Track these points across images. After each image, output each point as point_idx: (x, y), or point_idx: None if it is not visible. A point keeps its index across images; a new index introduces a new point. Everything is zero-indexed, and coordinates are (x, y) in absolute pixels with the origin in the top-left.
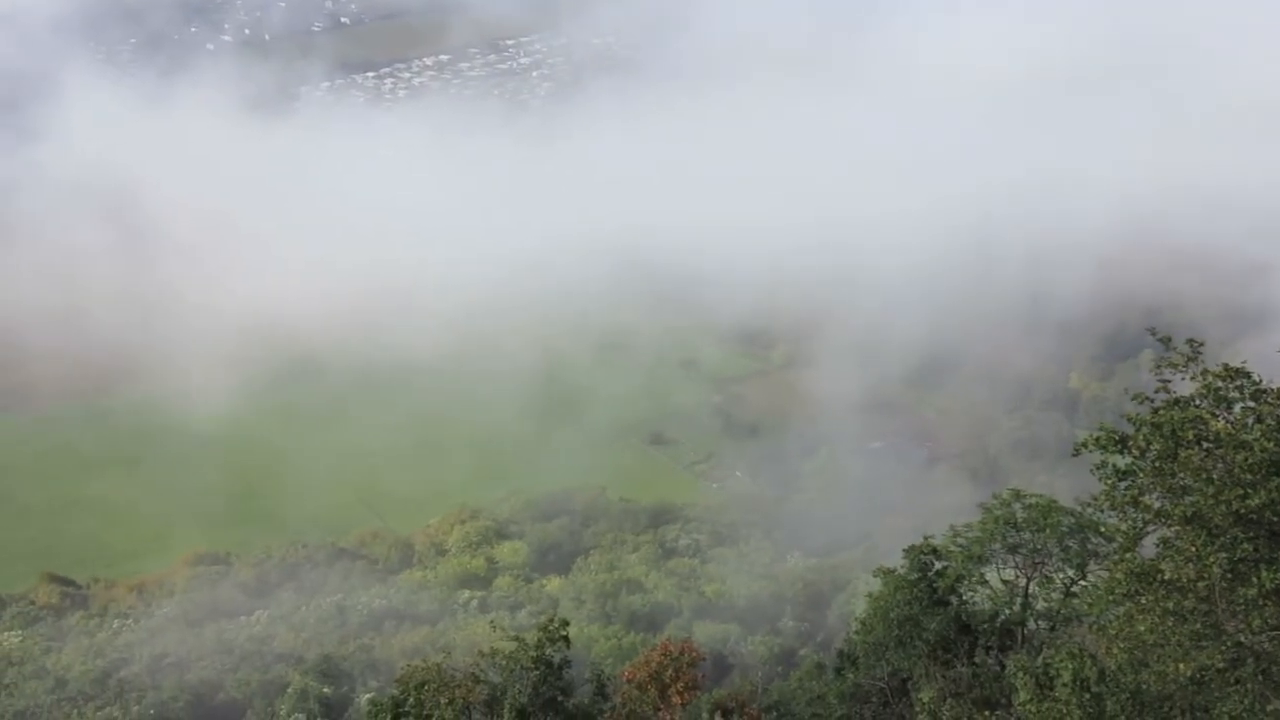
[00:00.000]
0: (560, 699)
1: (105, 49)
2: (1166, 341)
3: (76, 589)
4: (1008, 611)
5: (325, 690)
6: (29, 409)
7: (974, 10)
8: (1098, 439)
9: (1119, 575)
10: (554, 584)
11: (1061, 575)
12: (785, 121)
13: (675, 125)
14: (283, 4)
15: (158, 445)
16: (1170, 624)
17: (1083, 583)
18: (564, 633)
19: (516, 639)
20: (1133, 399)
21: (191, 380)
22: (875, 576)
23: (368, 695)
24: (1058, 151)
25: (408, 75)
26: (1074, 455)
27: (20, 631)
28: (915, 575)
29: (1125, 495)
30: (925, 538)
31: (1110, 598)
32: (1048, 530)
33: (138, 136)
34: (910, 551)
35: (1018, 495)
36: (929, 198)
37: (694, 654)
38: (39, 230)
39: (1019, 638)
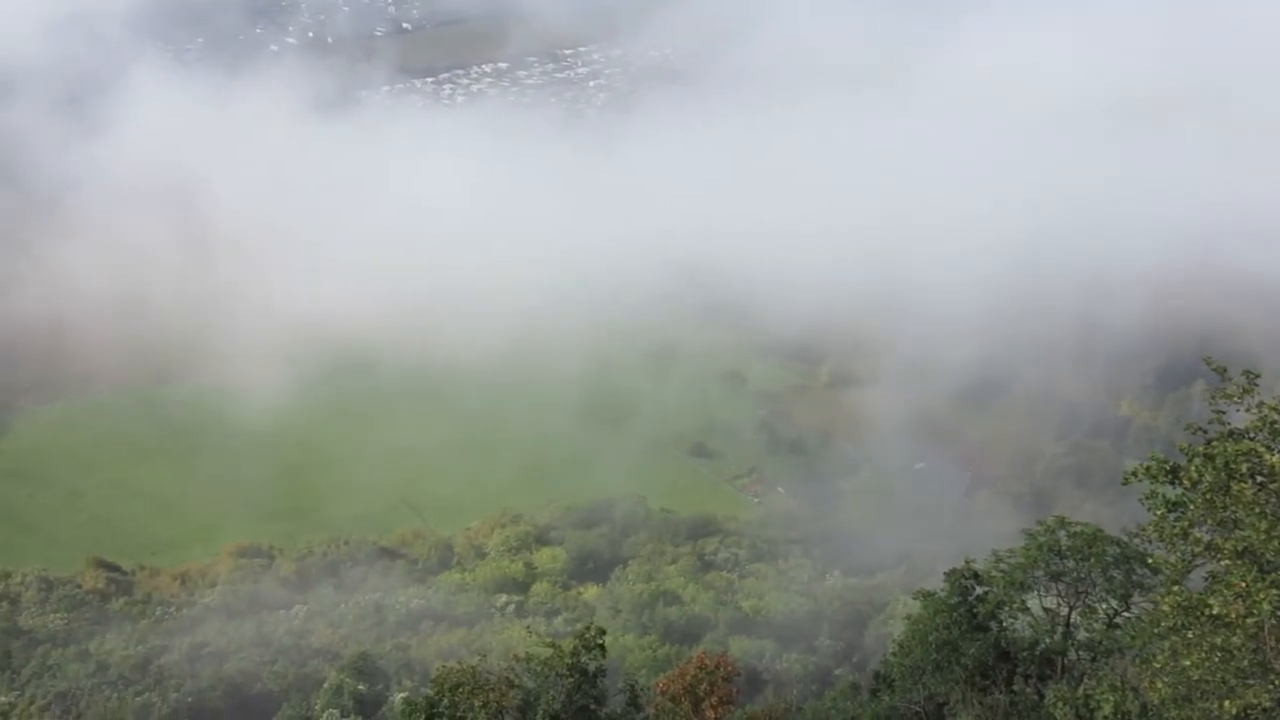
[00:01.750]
0: (593, 708)
1: (173, 48)
2: (1222, 372)
3: (122, 575)
4: (1048, 640)
5: (360, 687)
6: (86, 396)
7: (1032, 32)
8: (1148, 469)
9: (1165, 608)
10: (591, 592)
11: (1105, 606)
12: (840, 137)
13: (730, 138)
14: (346, 8)
15: (208, 438)
16: (1217, 660)
17: (1126, 614)
18: (600, 641)
19: (552, 645)
20: (1186, 429)
21: (244, 375)
22: (914, 599)
23: (402, 694)
24: (1114, 176)
25: (466, 81)
26: (1123, 484)
27: (65, 614)
28: (955, 599)
29: (1175, 527)
30: (967, 561)
31: (1155, 631)
32: (1092, 559)
33: (201, 134)
34: (951, 575)
35: (1063, 522)
36: (983, 219)
37: (729, 668)
38: (103, 223)
39: (1059, 667)
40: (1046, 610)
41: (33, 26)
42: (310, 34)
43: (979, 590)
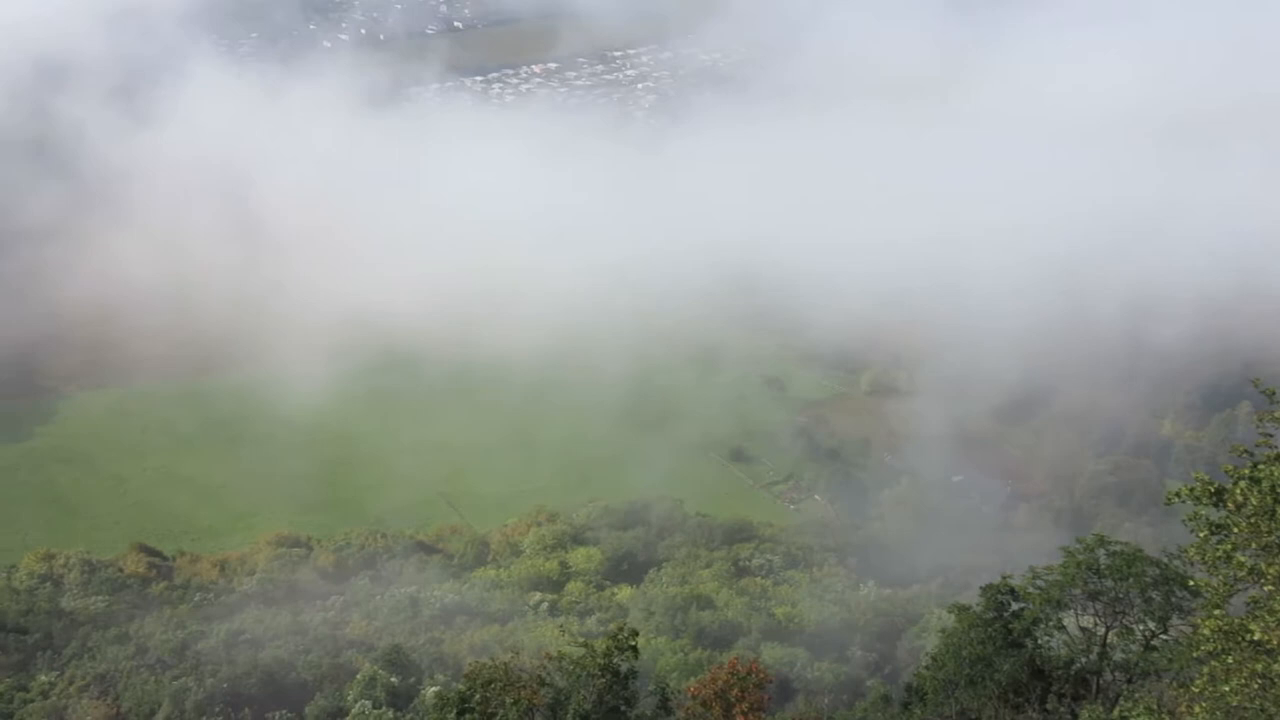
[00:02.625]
0: (623, 709)
1: (227, 42)
2: (1270, 394)
3: (163, 560)
4: (1084, 659)
5: (393, 680)
6: (132, 384)
7: (1085, 47)
8: (1192, 490)
9: (1205, 632)
10: (625, 593)
11: (1142, 627)
12: (888, 148)
13: (777, 145)
14: (399, 6)
15: (251, 429)
16: (1257, 687)
17: (1164, 637)
18: (633, 642)
19: (585, 645)
20: (1231, 451)
21: (288, 368)
22: (949, 612)
23: (434, 688)
24: (1164, 193)
25: (516, 81)
26: (1166, 504)
27: (106, 597)
28: (991, 614)
29: (1218, 550)
30: (1003, 577)
31: (1194, 655)
32: (1131, 579)
33: (253, 128)
34: (987, 590)
35: (1102, 541)
36: (1030, 233)
37: (761, 675)
38: (154, 214)
39: (1094, 688)
40: (1083, 629)
41: (91, 19)
42: (363, 31)
43: (1015, 606)
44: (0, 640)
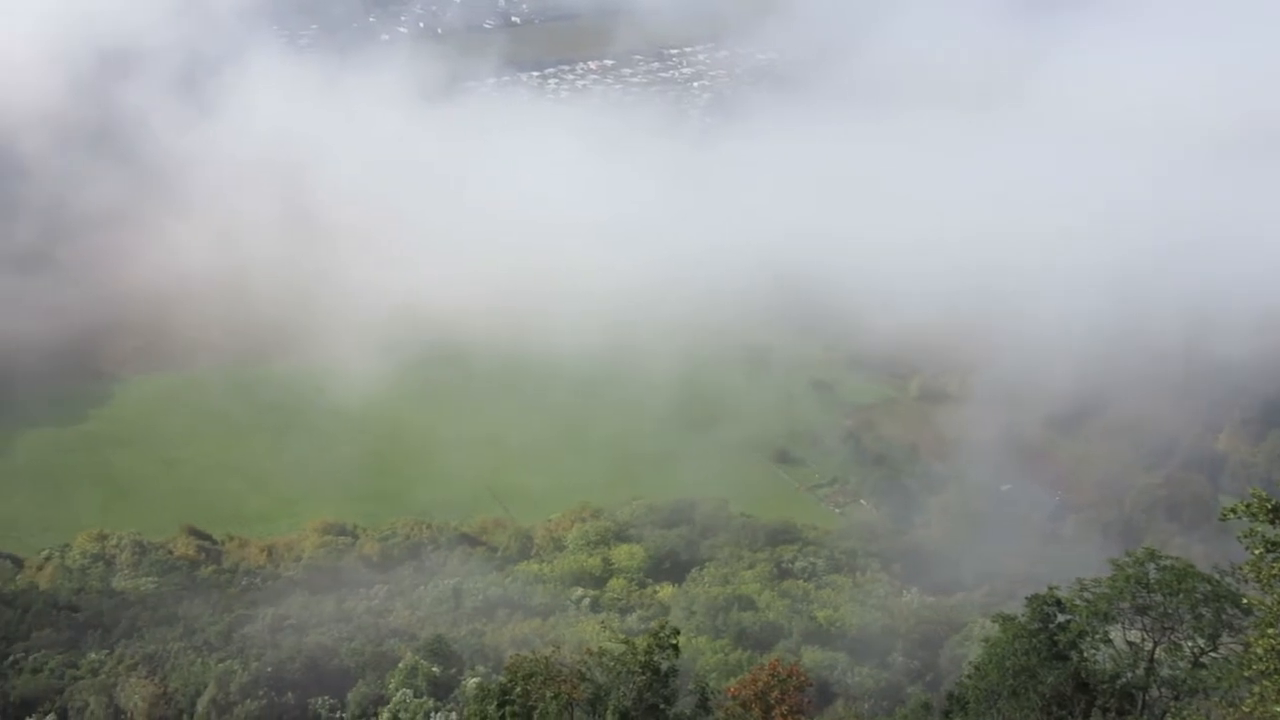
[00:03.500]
0: (662, 707)
1: (287, 34)
2: None
3: (212, 544)
4: (1130, 674)
5: (434, 669)
6: (186, 370)
7: (1146, 55)
8: (1248, 506)
9: (1258, 650)
10: (666, 591)
11: (1191, 644)
12: (946, 153)
13: (833, 147)
14: (458, 1)
15: (301, 417)
16: None
17: (1214, 654)
18: (674, 641)
19: (626, 642)
20: None
21: (340, 359)
22: (994, 622)
23: (475, 679)
24: (1227, 204)
25: (571, 77)
26: (1221, 520)
27: (156, 579)
28: (1036, 625)
29: (1273, 567)
30: (1050, 588)
31: (1244, 673)
32: (1181, 595)
33: (311, 119)
34: (1033, 600)
35: (1152, 555)
36: (1088, 242)
37: (801, 678)
38: (213, 202)
39: (1139, 703)
40: (1130, 644)
41: (156, 10)
42: (421, 25)
43: (1061, 618)
44: (52, 618)
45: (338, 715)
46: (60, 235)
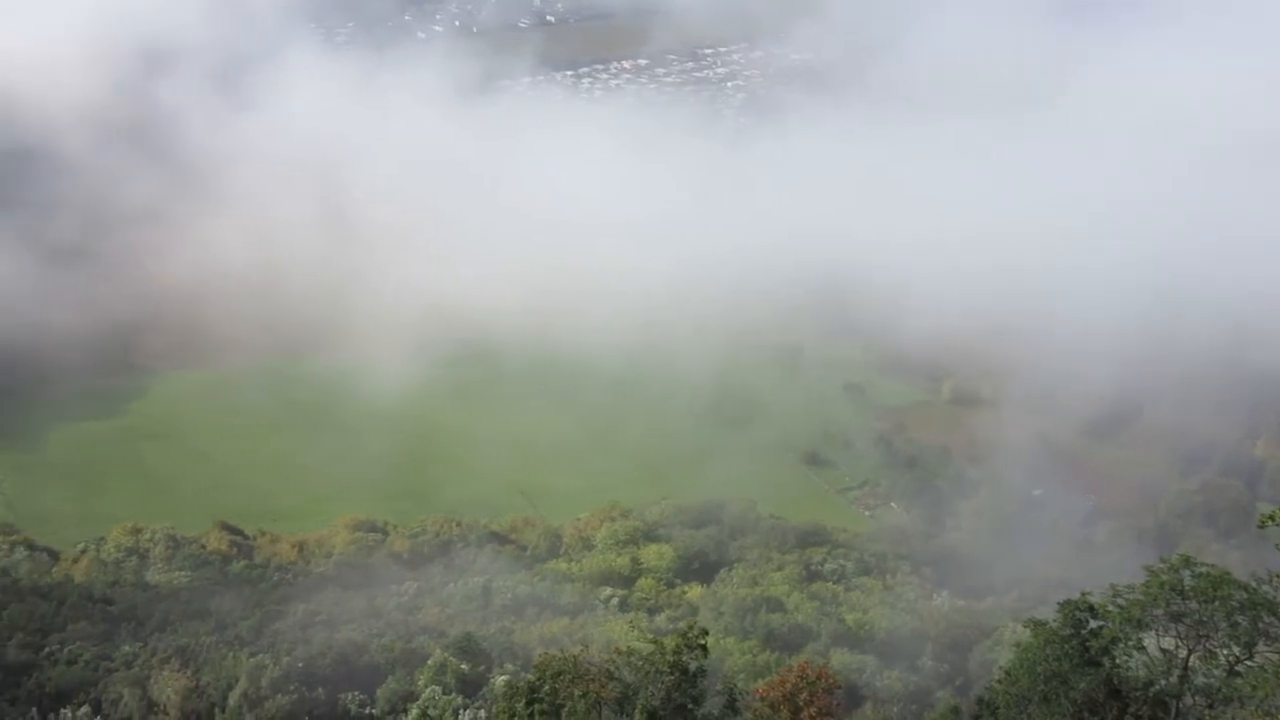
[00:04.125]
0: (690, 707)
1: (324, 31)
2: None
3: (244, 539)
4: (1164, 682)
5: (463, 667)
6: (221, 366)
7: (1192, 59)
8: None
9: None
10: (695, 592)
11: (1227, 652)
12: (984, 156)
13: (868, 148)
14: (493, 0)
15: (333, 414)
16: None
17: (1250, 663)
18: (702, 641)
19: (654, 641)
20: None
21: (372, 356)
22: (1025, 627)
23: (503, 677)
24: (1267, 213)
25: (606, 76)
26: (1259, 527)
27: (189, 573)
28: (1068, 631)
29: None
30: (1083, 593)
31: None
32: (1217, 602)
33: (346, 116)
34: (1065, 606)
35: (1187, 562)
36: (1128, 248)
37: (830, 680)
38: (249, 200)
39: (1173, 711)
40: (1164, 651)
41: (195, 7)
42: (457, 23)
43: (1093, 624)
44: (87, 610)
45: (367, 711)
46: (99, 231)
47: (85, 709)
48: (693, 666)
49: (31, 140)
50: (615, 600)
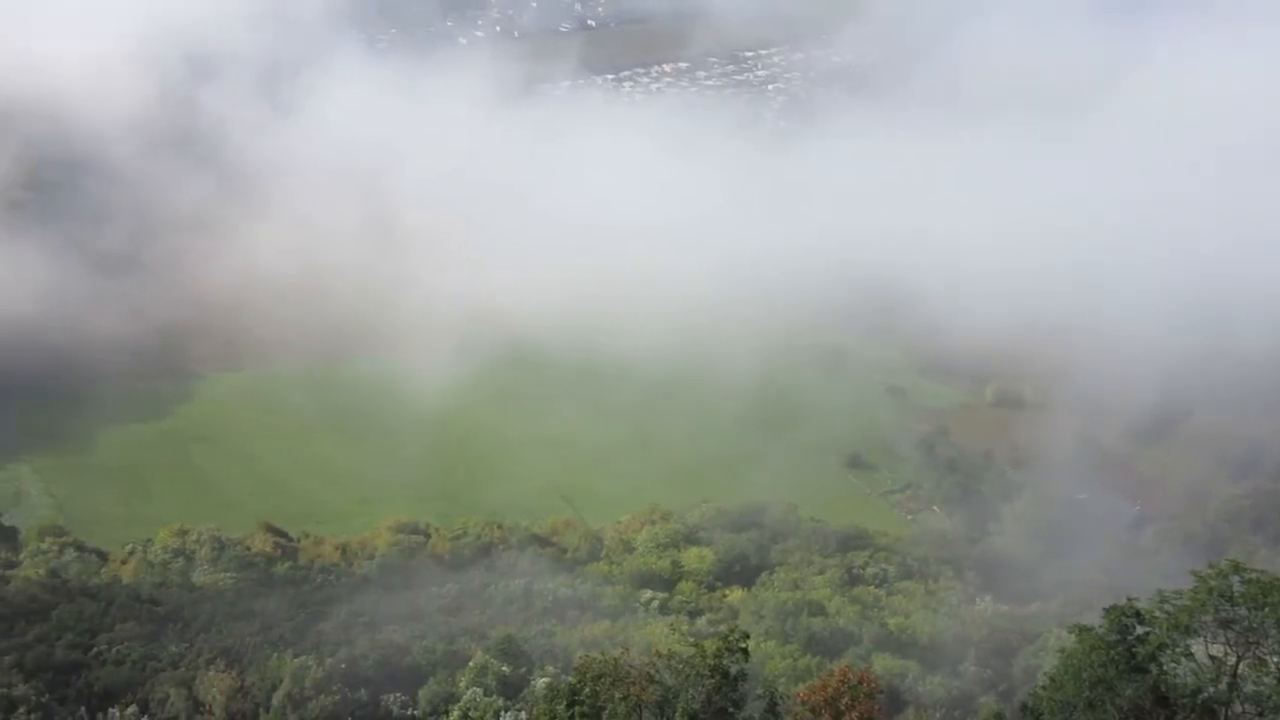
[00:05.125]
0: (731, 710)
1: (366, 37)
2: None
3: (289, 541)
4: (1212, 689)
5: (504, 669)
6: (265, 368)
7: (1242, 61)
8: None
9: None
10: (736, 595)
11: (1277, 659)
12: (1029, 159)
13: (909, 151)
14: (534, 4)
15: (375, 416)
16: None
17: None
18: (743, 645)
19: (695, 645)
20: None
21: (414, 359)
22: (1070, 632)
23: (544, 679)
24: None
25: (646, 80)
26: None
27: (235, 574)
28: (1114, 637)
29: None
30: (1129, 599)
31: None
32: (1267, 609)
33: (388, 121)
34: (1111, 612)
35: (1237, 568)
36: (1172, 248)
37: (872, 685)
38: (291, 205)
39: (1221, 719)
40: (1212, 658)
41: (239, 15)
42: (498, 28)
43: (1140, 630)
44: (135, 611)
45: (409, 713)
46: (147, 238)
47: (132, 708)
48: (733, 670)
49: (82, 149)
50: (656, 603)
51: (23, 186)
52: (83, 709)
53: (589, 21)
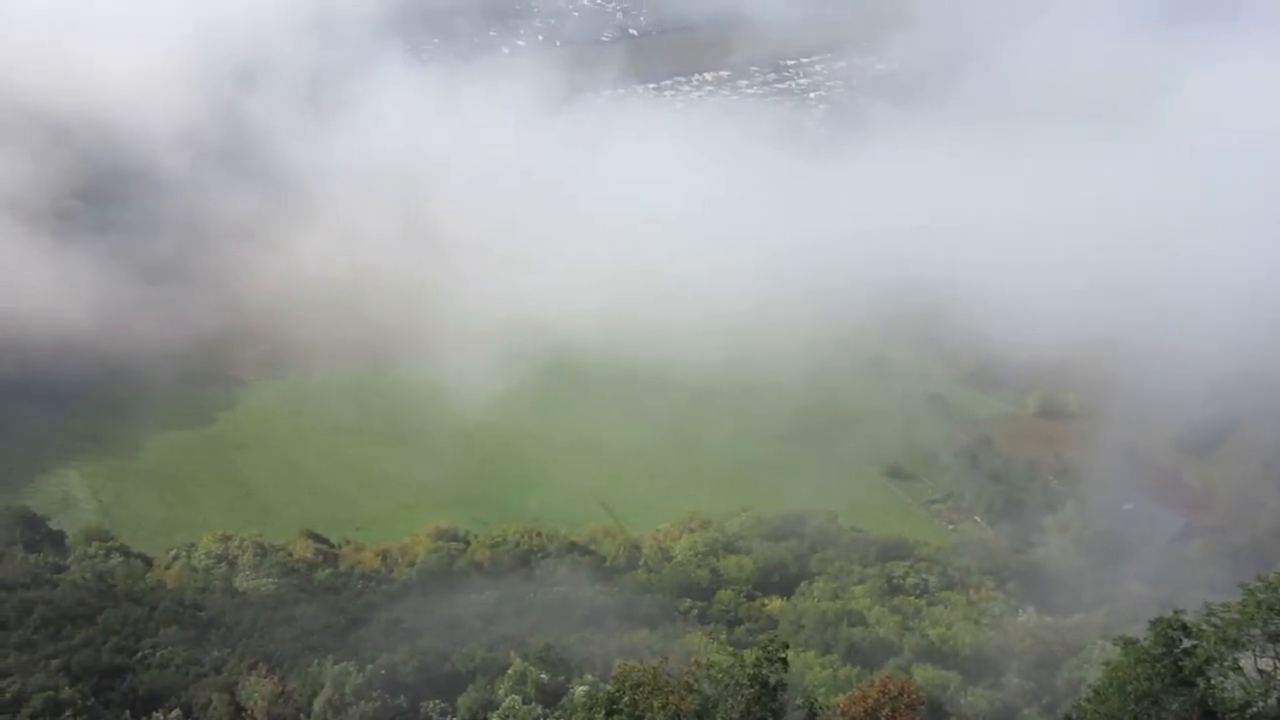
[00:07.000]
0: None
1: (410, 47)
2: None
3: (330, 547)
4: (1261, 704)
5: (543, 676)
6: (307, 376)
7: None
8: None
9: None
10: (775, 604)
11: None
12: (1077, 169)
13: (954, 160)
14: (576, 14)
15: (416, 424)
16: None
17: None
18: (783, 655)
19: (734, 654)
20: None
21: (456, 367)
22: (1115, 645)
23: (583, 687)
24: None
25: (687, 89)
26: None
27: (276, 580)
28: (1160, 650)
29: None
30: (1175, 611)
31: None
32: None
33: (431, 129)
34: (1157, 624)
35: None
36: (1223, 258)
37: (913, 696)
38: (335, 214)
39: None
40: (1261, 672)
41: (286, 25)
42: (540, 38)
43: (1186, 643)
44: (178, 616)
45: (448, 719)
46: (193, 248)
47: (176, 713)
48: (773, 680)
49: (131, 160)
50: (694, 612)
51: (73, 196)
52: (127, 712)
53: (631, 31)
